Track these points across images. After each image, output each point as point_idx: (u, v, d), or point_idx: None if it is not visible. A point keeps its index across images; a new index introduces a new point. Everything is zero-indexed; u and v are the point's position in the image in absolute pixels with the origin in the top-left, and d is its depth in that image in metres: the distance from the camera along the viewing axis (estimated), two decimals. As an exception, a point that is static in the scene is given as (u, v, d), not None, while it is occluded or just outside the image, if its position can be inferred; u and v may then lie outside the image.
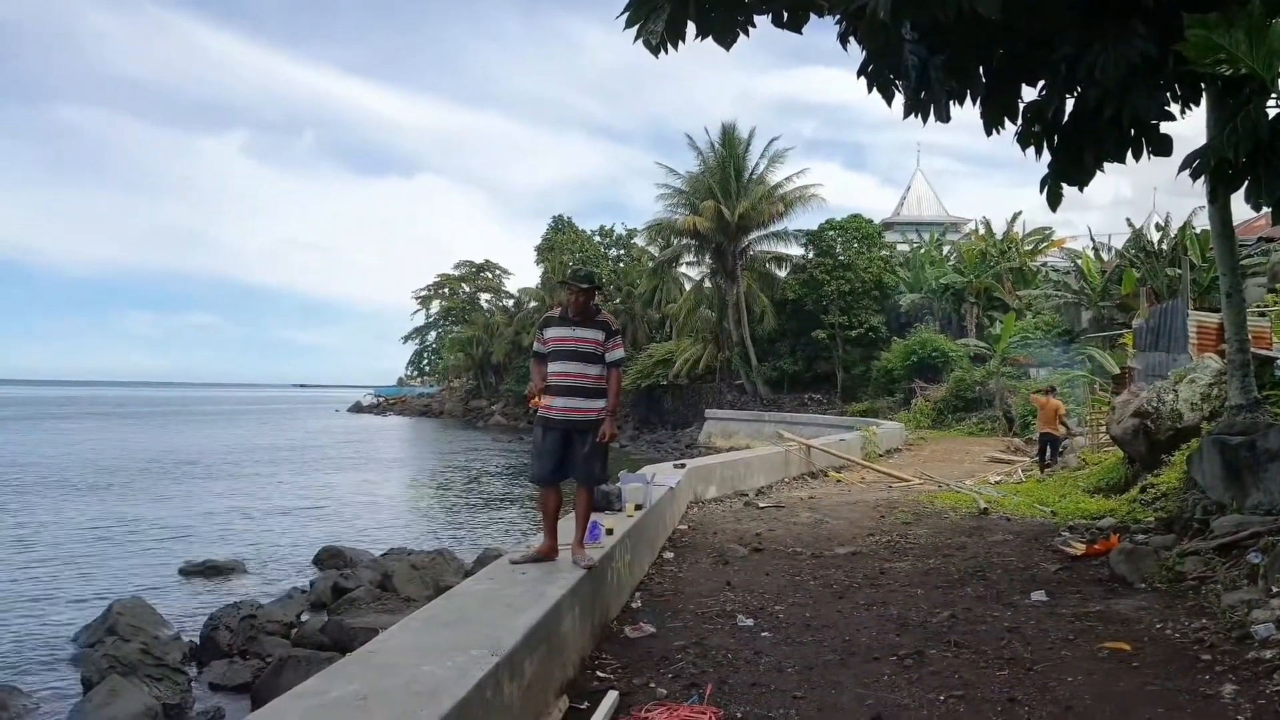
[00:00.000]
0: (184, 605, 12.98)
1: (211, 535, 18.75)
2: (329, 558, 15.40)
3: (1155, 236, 29.57)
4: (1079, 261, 33.33)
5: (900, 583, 7.67)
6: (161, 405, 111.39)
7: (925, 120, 6.62)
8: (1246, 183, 4.89)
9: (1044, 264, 39.49)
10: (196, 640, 10.84)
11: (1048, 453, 16.47)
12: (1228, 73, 5.07)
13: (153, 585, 13.90)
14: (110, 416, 76.26)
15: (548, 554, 5.71)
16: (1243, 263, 22.42)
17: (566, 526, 6.02)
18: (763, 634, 6.09)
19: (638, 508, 8.19)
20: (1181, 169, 5.12)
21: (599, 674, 5.19)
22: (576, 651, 5.20)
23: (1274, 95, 4.88)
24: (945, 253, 43.76)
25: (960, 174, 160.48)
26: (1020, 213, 43.42)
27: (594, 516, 6.37)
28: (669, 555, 8.93)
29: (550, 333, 5.77)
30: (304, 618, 11.85)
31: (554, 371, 5.70)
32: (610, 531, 6.86)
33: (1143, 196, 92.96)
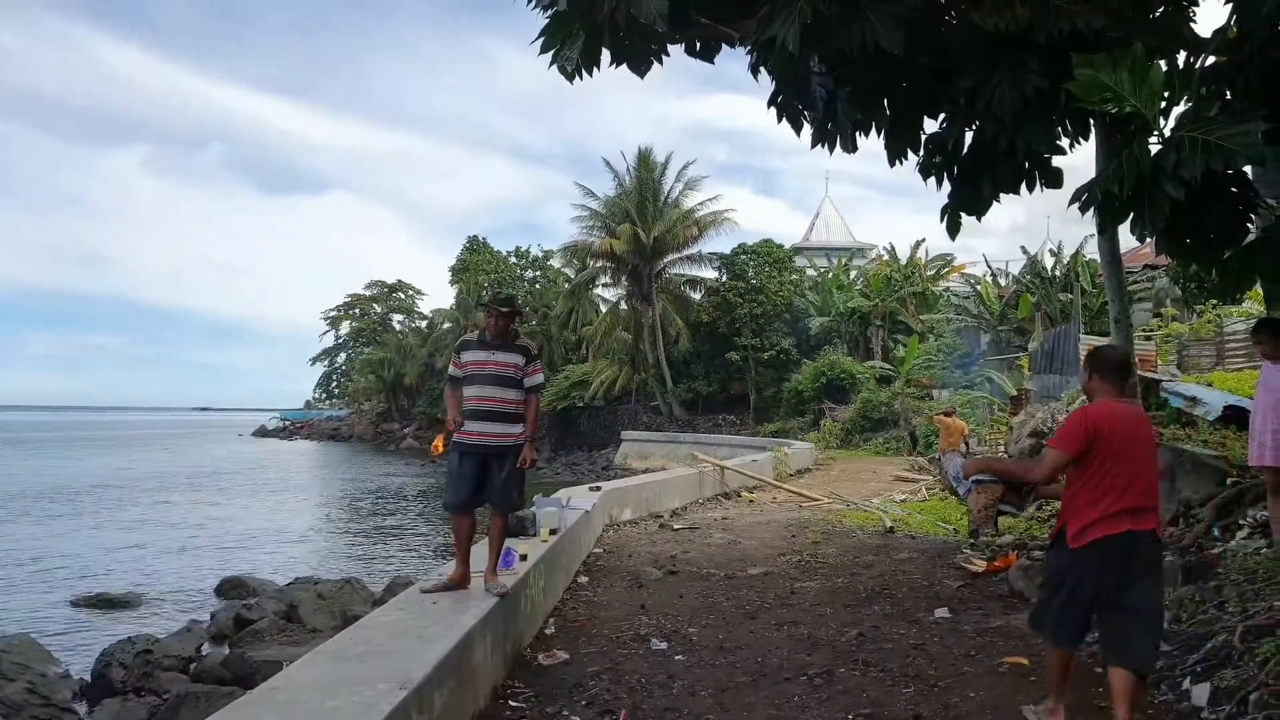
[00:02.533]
0: (75, 641, 12.39)
1: (105, 567, 17.93)
2: (231, 588, 14.90)
3: (1049, 263, 30.85)
4: (978, 287, 34.55)
5: (810, 602, 7.79)
6: (58, 430, 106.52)
7: (831, 150, 6.81)
8: (1132, 215, 5.15)
9: (946, 289, 40.80)
10: (87, 678, 10.34)
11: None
12: (1114, 111, 5.34)
13: (41, 621, 13.23)
14: (1, 443, 72.45)
15: (460, 582, 5.62)
16: (1130, 289, 23.57)
17: (480, 553, 5.95)
18: (676, 657, 6.11)
19: (552, 532, 8.15)
20: (1071, 202, 5.37)
21: (511, 703, 5.13)
22: (489, 681, 5.13)
23: (1155, 133, 5.14)
24: (853, 277, 44.88)
25: (868, 200, 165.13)
26: (924, 239, 44.87)
27: (508, 542, 6.31)
28: (584, 579, 8.89)
29: (467, 356, 5.66)
30: (204, 651, 11.40)
31: (471, 396, 5.60)
32: (524, 557, 6.81)
33: (1038, 224, 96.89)
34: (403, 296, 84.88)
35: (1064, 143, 7.05)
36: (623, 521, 13.05)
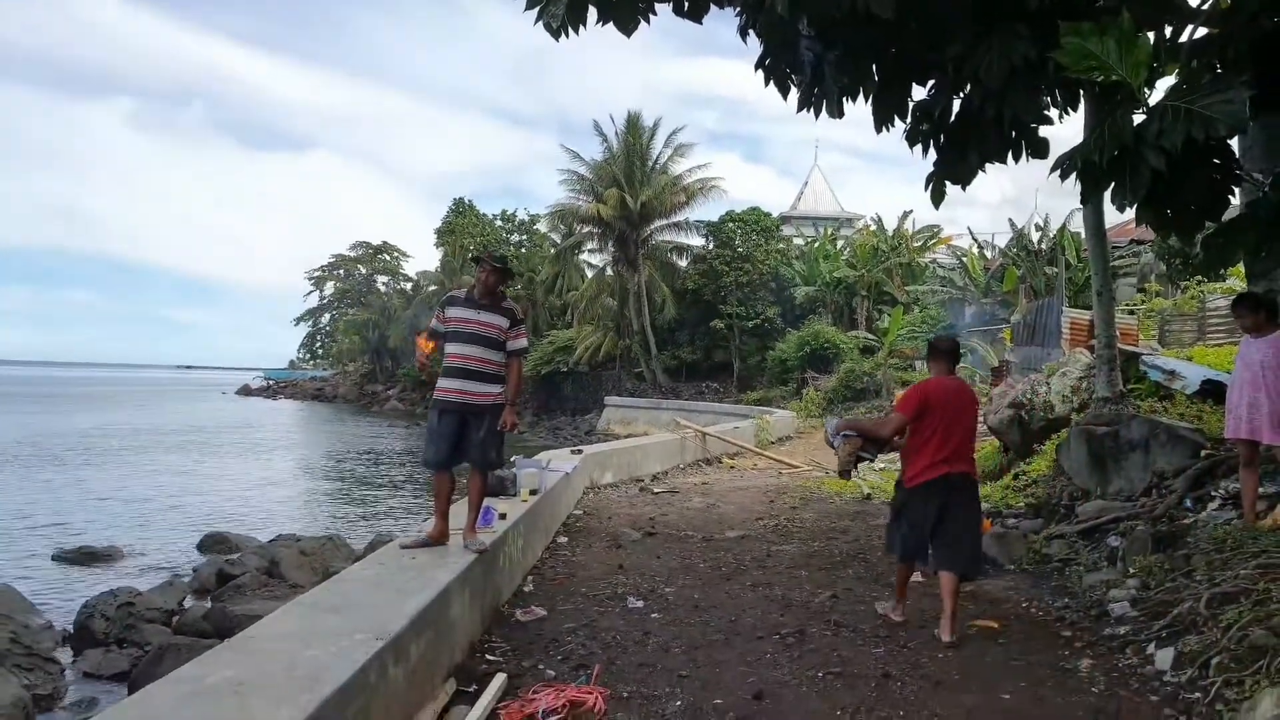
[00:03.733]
0: (58, 593, 12.37)
1: (89, 521, 17.88)
2: (213, 544, 14.89)
3: (1036, 236, 30.90)
4: (964, 259, 34.58)
5: (786, 565, 7.89)
6: (39, 385, 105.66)
7: (818, 115, 6.78)
8: (1113, 185, 5.16)
9: (932, 261, 40.82)
10: (70, 629, 10.36)
11: None
12: (1100, 79, 5.33)
13: (23, 573, 13.19)
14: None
15: (439, 538, 5.66)
16: (1114, 264, 23.65)
17: (459, 511, 5.99)
18: (652, 615, 6.19)
19: (532, 493, 8.21)
20: (1052, 170, 5.37)
21: (488, 657, 5.19)
22: (465, 635, 5.18)
23: (1140, 103, 5.14)
24: (839, 247, 44.79)
25: (856, 170, 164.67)
26: (911, 211, 44.69)
27: (488, 501, 6.35)
28: (563, 540, 8.97)
29: (453, 312, 5.65)
30: (186, 604, 11.42)
31: (453, 353, 5.60)
32: (504, 516, 6.86)
33: (1026, 196, 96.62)
34: (388, 258, 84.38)
35: (1053, 113, 7.07)
36: (604, 485, 13.13)
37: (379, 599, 4.47)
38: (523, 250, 60.66)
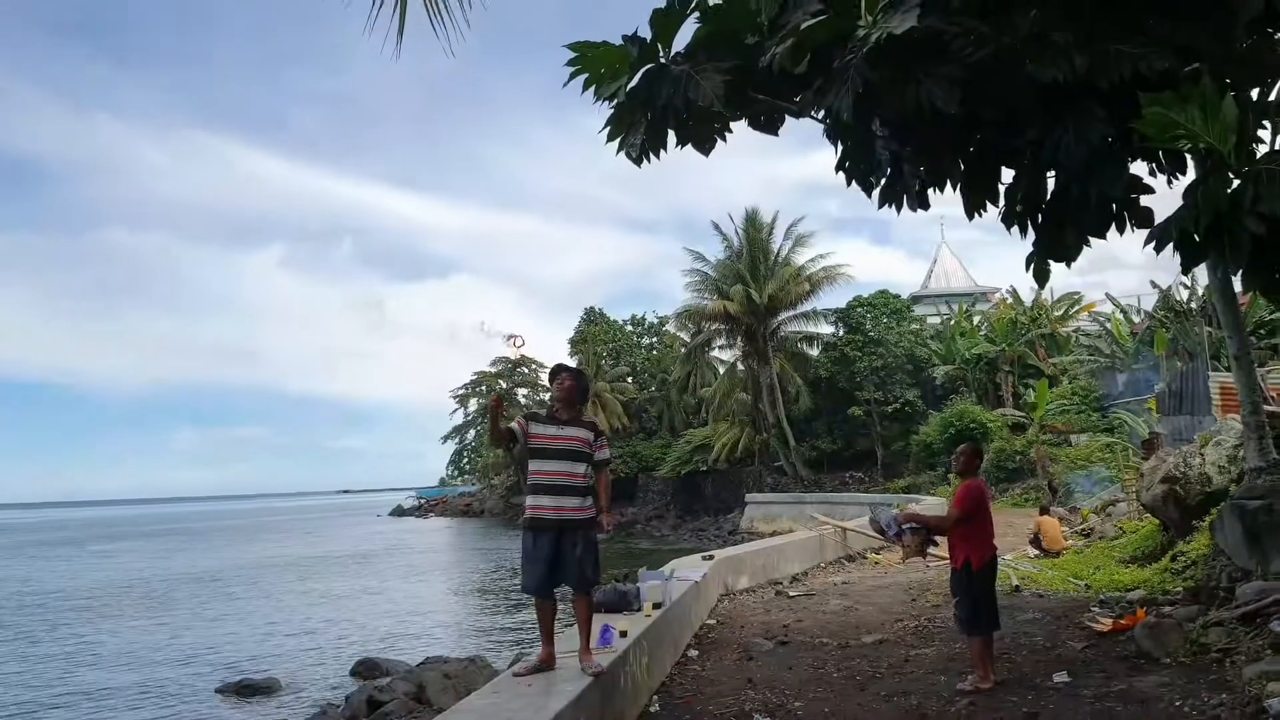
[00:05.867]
0: (220, 728, 12.99)
1: (250, 652, 18.75)
2: (365, 670, 15.37)
3: (1184, 295, 29.32)
4: (1108, 325, 33.05)
5: (924, 669, 7.55)
6: (208, 520, 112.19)
7: (899, 210, 6.78)
8: (1211, 254, 4.95)
9: (1076, 329, 39.20)
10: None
11: None
12: (1186, 148, 5.19)
13: (190, 707, 13.94)
14: (154, 536, 76.70)
15: (547, 661, 5.71)
16: (1277, 315, 22.15)
17: (573, 632, 6.02)
18: (778, 733, 6.02)
19: (656, 606, 8.13)
20: (1146, 243, 5.21)
21: (608, 784, 5.15)
22: (584, 762, 5.16)
23: (1232, 170, 4.96)
24: (976, 323, 43.59)
25: (986, 243, 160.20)
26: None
27: (608, 619, 6.37)
28: (693, 653, 8.82)
29: (536, 429, 5.78)
30: (339, 734, 11.79)
31: (544, 470, 5.74)
32: (624, 634, 6.82)
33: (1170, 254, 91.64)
34: (526, 371, 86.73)
35: (1159, 179, 6.84)
36: (739, 590, 12.91)
37: (492, 731, 4.53)
38: (654, 352, 61.52)
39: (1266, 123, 5.50)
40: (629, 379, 61.20)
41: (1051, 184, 6.89)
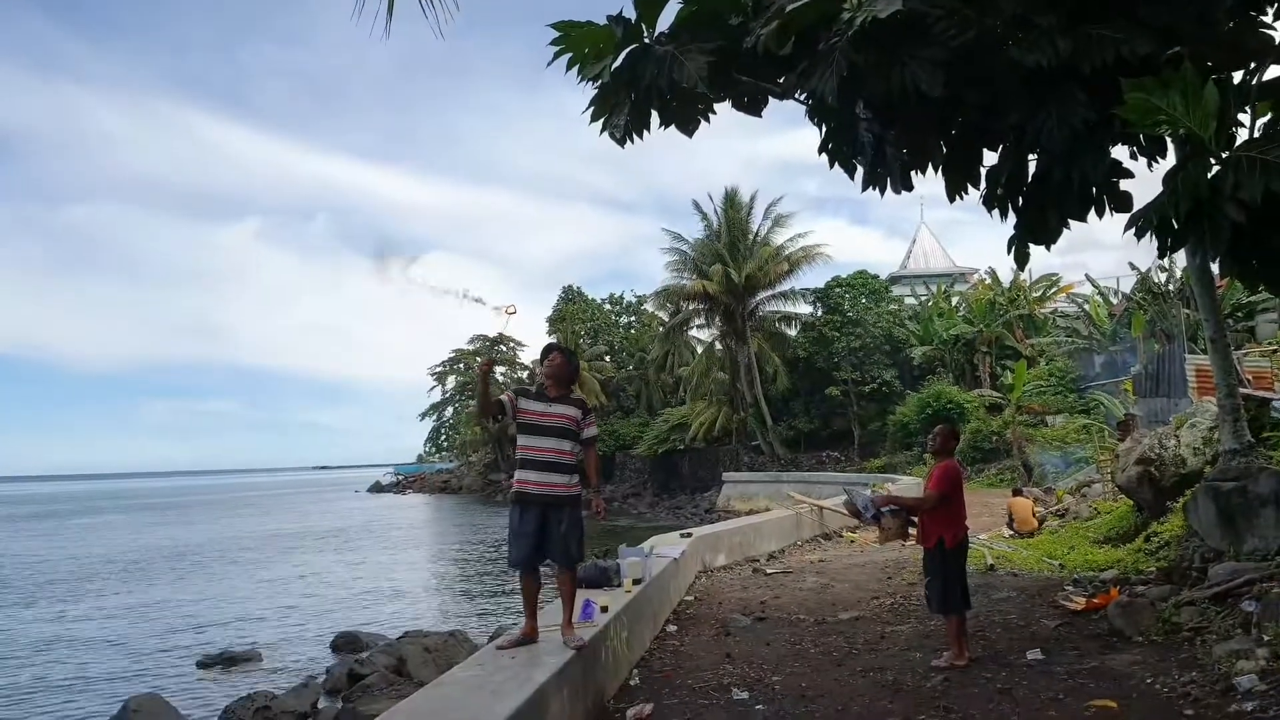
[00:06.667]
0: (201, 698, 13.00)
1: (231, 625, 18.78)
2: (345, 644, 15.42)
3: (1162, 277, 29.61)
4: (1086, 306, 33.34)
5: (900, 646, 7.66)
6: (183, 495, 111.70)
7: (883, 192, 6.82)
8: (1190, 240, 5.02)
9: (1054, 310, 39.50)
10: (210, 734, 10.86)
11: None
12: (1167, 133, 5.24)
13: (170, 679, 13.95)
14: (131, 509, 76.39)
15: (530, 635, 5.77)
16: (1254, 299, 22.38)
17: (555, 606, 6.08)
18: (757, 706, 6.10)
19: (636, 582, 8.20)
20: (1127, 228, 5.27)
21: (589, 756, 5.21)
22: (566, 734, 5.22)
23: (1212, 154, 5.02)
24: (954, 304, 43.85)
25: (965, 223, 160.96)
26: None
27: (589, 594, 6.42)
28: (672, 628, 8.91)
29: (524, 404, 5.77)
30: (320, 705, 11.84)
31: (532, 446, 5.74)
32: (605, 609, 6.90)
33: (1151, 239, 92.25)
34: (504, 349, 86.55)
35: (1139, 162, 6.90)
36: (716, 567, 13.02)
37: (475, 703, 4.57)
38: (632, 331, 61.53)
39: (1247, 108, 5.56)
40: (607, 358, 61.26)
41: (1033, 167, 6.97)
